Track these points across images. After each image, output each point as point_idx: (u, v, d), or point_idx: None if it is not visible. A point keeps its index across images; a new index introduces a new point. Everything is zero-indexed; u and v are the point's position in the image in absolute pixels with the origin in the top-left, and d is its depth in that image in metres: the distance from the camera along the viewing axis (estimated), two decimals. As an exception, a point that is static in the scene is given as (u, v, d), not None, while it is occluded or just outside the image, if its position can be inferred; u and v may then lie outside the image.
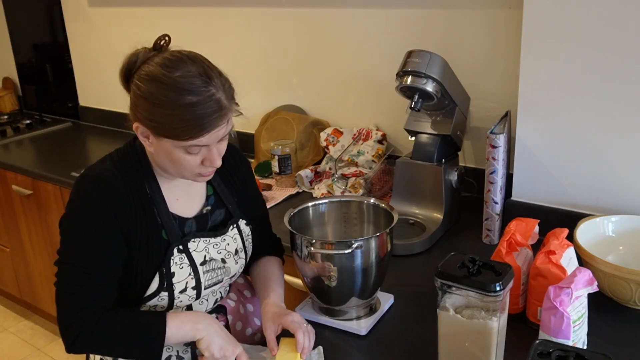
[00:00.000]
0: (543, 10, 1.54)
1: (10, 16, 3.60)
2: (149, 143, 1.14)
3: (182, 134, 1.07)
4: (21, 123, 3.37)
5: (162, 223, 1.19)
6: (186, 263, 1.20)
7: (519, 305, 1.31)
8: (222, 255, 1.27)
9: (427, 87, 1.62)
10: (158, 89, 1.06)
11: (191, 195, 1.27)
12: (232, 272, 1.30)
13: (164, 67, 1.07)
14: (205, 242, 1.24)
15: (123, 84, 1.15)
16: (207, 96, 1.07)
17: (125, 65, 1.13)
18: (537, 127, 1.64)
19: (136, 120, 1.12)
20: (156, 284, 1.18)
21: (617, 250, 1.46)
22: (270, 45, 2.45)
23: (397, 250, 1.64)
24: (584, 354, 0.89)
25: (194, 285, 1.22)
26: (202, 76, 1.08)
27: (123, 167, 1.18)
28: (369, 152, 2.10)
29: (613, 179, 1.56)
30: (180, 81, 1.06)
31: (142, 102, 1.08)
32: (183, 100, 1.05)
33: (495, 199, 1.65)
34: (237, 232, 1.31)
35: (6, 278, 3.20)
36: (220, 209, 1.31)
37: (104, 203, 1.13)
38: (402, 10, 2.04)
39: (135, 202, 1.17)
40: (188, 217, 1.24)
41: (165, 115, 1.06)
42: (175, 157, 1.12)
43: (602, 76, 1.50)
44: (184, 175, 1.18)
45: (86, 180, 1.16)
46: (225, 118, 1.11)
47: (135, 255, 1.17)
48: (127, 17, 2.93)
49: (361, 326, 1.31)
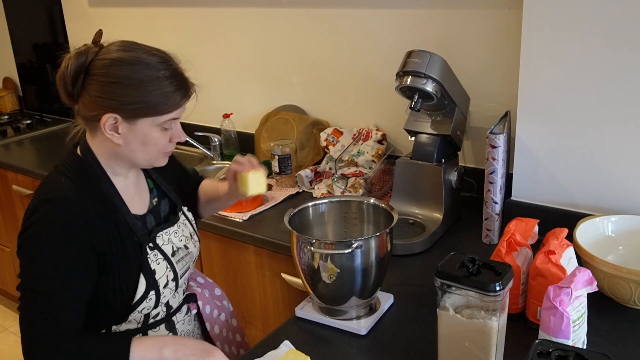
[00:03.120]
0: (543, 11, 1.54)
1: (11, 16, 3.60)
2: (117, 136, 1.14)
3: (162, 108, 1.12)
4: (21, 123, 3.37)
5: (130, 226, 1.20)
6: (161, 258, 1.24)
7: (519, 305, 1.31)
8: (183, 242, 1.32)
9: (427, 87, 1.62)
10: (131, 70, 1.10)
11: (140, 191, 1.29)
12: (194, 255, 1.36)
13: (126, 51, 1.12)
14: (167, 234, 1.29)
15: (69, 84, 1.12)
16: (174, 69, 1.15)
17: (73, 66, 1.11)
18: (537, 127, 1.64)
19: (107, 111, 1.11)
20: (143, 285, 1.20)
21: (617, 250, 1.46)
22: (270, 45, 2.45)
23: (397, 250, 1.64)
24: (583, 354, 0.90)
25: (172, 277, 1.26)
26: (158, 54, 1.14)
27: (80, 180, 1.16)
28: (369, 152, 2.10)
29: (613, 179, 1.56)
30: (147, 59, 1.12)
31: (116, 87, 1.09)
32: (157, 75, 1.11)
33: (495, 198, 1.65)
34: (185, 219, 1.36)
35: (6, 278, 3.20)
36: (164, 199, 1.35)
37: (72, 226, 1.10)
38: (402, 10, 2.04)
39: (103, 214, 1.16)
40: (144, 213, 1.27)
41: (146, 92, 1.10)
42: (151, 138, 1.15)
43: (602, 76, 1.50)
44: (152, 158, 1.20)
45: (50, 204, 1.11)
46: (191, 89, 1.18)
47: (116, 266, 1.16)
48: (127, 17, 2.94)
49: (361, 326, 1.31)
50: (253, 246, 1.87)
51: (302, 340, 1.29)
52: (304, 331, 1.33)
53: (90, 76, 1.11)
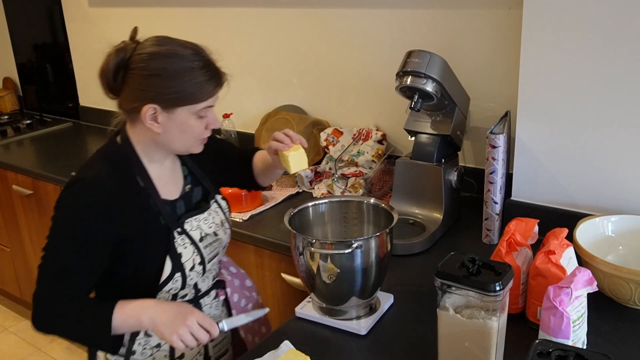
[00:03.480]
0: (543, 11, 1.54)
1: (11, 16, 3.60)
2: (157, 125, 1.21)
3: (198, 96, 1.19)
4: (21, 123, 3.37)
5: (159, 210, 1.27)
6: (188, 242, 1.30)
7: (519, 305, 1.31)
8: (212, 229, 1.37)
9: (427, 87, 1.62)
10: (168, 62, 1.17)
11: (175, 178, 1.36)
12: (224, 242, 1.41)
13: (161, 45, 1.19)
14: (197, 221, 1.34)
15: (111, 79, 1.20)
16: (206, 59, 1.22)
17: (113, 62, 1.19)
18: (537, 127, 1.64)
19: (147, 102, 1.18)
20: (169, 267, 1.26)
21: (617, 250, 1.46)
22: (270, 45, 2.45)
23: (397, 250, 1.64)
24: (583, 354, 0.89)
25: (199, 261, 1.32)
26: (189, 47, 1.21)
27: (114, 165, 1.25)
28: (369, 152, 2.10)
29: (613, 179, 1.56)
30: (182, 51, 1.19)
31: (155, 80, 1.17)
32: (191, 66, 1.18)
33: (495, 198, 1.65)
34: (217, 207, 1.41)
35: (6, 278, 3.20)
36: (197, 186, 1.40)
37: (93, 210, 1.19)
38: (402, 10, 2.04)
39: (130, 197, 1.24)
40: (176, 198, 1.33)
41: (182, 82, 1.17)
42: (188, 125, 1.22)
43: (602, 76, 1.50)
44: (189, 144, 1.27)
45: (79, 184, 1.21)
46: (224, 78, 1.25)
47: (141, 248, 1.24)
48: (127, 17, 2.94)
49: (361, 326, 1.31)
50: (253, 246, 1.87)
51: (302, 340, 1.29)
52: (304, 331, 1.33)
53: (129, 71, 1.19)
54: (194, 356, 1.39)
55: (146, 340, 1.32)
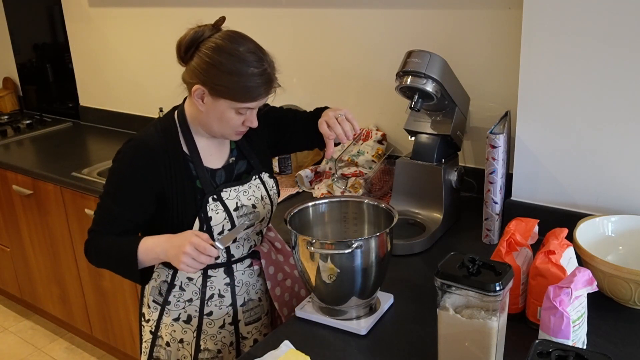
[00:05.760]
0: (543, 11, 1.54)
1: (11, 16, 3.60)
2: (202, 103, 1.32)
3: (242, 97, 1.29)
4: (21, 123, 3.37)
5: (197, 175, 1.39)
6: (221, 209, 1.39)
7: (519, 305, 1.31)
8: (251, 201, 1.45)
9: (427, 87, 1.62)
10: (227, 59, 1.27)
11: (221, 150, 1.46)
12: (261, 216, 1.47)
13: (231, 42, 1.29)
14: (235, 191, 1.43)
15: (182, 51, 1.32)
16: (263, 70, 1.30)
17: (189, 37, 1.31)
18: (537, 127, 1.64)
19: (199, 82, 1.29)
20: (197, 227, 1.37)
21: (617, 250, 1.46)
22: (270, 45, 2.44)
23: (397, 250, 1.64)
24: (583, 354, 0.90)
25: (230, 228, 1.41)
26: (257, 53, 1.31)
27: (164, 131, 1.39)
28: (369, 152, 2.11)
29: (613, 179, 1.56)
30: (245, 55, 1.29)
31: (211, 68, 1.28)
32: (247, 71, 1.28)
33: (495, 199, 1.65)
34: (260, 182, 1.48)
35: (6, 278, 3.20)
36: (242, 160, 1.48)
37: (137, 168, 1.35)
38: (402, 10, 2.04)
39: (172, 160, 1.37)
40: (218, 167, 1.43)
41: (232, 81, 1.27)
42: (226, 116, 1.32)
43: (602, 76, 1.50)
44: (225, 132, 1.37)
45: (129, 145, 1.38)
46: (273, 89, 1.35)
47: (174, 204, 1.37)
48: (127, 17, 2.94)
49: (361, 326, 1.31)
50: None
51: (302, 340, 1.29)
52: (304, 331, 1.33)
53: (198, 50, 1.30)
54: (222, 316, 1.48)
55: (180, 294, 1.46)
